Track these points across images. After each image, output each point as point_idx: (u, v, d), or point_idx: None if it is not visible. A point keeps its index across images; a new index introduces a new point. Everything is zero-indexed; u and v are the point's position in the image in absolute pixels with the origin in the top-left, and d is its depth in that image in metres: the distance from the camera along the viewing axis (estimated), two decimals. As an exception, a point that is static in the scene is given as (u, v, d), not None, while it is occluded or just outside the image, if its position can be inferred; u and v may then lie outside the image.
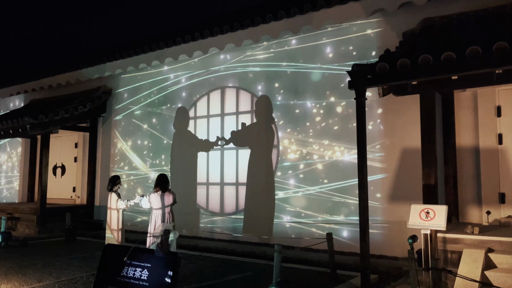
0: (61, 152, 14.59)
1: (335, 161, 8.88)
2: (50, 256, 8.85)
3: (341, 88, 8.85)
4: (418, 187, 6.84)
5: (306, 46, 9.47)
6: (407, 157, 7.97)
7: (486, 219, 7.24)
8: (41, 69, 14.97)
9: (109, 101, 13.20)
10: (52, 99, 14.32)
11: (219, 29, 9.82)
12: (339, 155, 8.84)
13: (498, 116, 7.42)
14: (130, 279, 4.37)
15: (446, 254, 6.28)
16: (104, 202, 12.32)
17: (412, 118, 7.61)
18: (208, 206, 10.76)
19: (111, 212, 7.86)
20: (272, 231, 9.53)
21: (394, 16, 8.17)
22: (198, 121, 11.20)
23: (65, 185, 14.32)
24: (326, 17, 8.57)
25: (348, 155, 8.72)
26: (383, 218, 8.16)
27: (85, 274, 7.20)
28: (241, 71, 10.46)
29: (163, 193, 7.22)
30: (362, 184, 6.21)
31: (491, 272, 5.76)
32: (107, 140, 13.14)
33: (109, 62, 12.22)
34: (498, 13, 6.92)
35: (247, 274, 7.28)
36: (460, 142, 7.66)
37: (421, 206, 6.01)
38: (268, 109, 9.90)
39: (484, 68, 5.50)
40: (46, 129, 12.00)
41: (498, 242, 6.05)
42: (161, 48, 10.95)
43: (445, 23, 7.44)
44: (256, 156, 10.03)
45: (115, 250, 4.77)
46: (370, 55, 8.49)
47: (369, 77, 6.17)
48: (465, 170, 7.59)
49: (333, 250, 7.02)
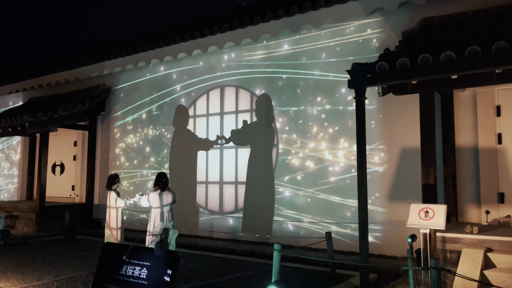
0: (60, 151, 14.58)
1: (335, 161, 8.87)
2: (49, 254, 8.84)
3: (341, 87, 8.86)
4: (417, 186, 6.85)
5: (305, 45, 9.46)
6: (406, 156, 7.97)
7: (485, 219, 7.25)
8: (40, 67, 14.94)
9: (108, 99, 13.19)
10: (51, 97, 14.30)
11: (219, 28, 9.82)
12: (339, 154, 8.83)
13: (497, 115, 7.42)
14: (129, 277, 4.36)
15: (445, 254, 6.29)
16: (103, 201, 12.33)
17: (412, 118, 7.62)
18: (207, 205, 10.76)
19: (110, 210, 7.85)
20: (272, 230, 9.53)
21: (394, 15, 8.17)
22: (198, 120, 11.20)
23: (64, 183, 14.31)
24: (325, 16, 8.57)
25: (348, 154, 8.71)
26: (382, 217, 8.16)
27: (84, 273, 7.20)
28: (241, 70, 10.45)
29: (162, 192, 7.21)
30: (362, 183, 6.21)
31: (490, 272, 5.77)
32: (106, 138, 13.13)
33: (108, 60, 12.21)
34: (498, 13, 6.92)
35: (246, 273, 7.29)
36: (460, 141, 7.66)
37: (421, 206, 6.01)
38: (268, 108, 9.89)
39: (483, 67, 5.50)
40: (45, 127, 11.98)
41: (497, 242, 6.06)
42: (160, 46, 10.95)
43: (445, 23, 7.44)
44: (256, 155, 10.03)
45: (114, 249, 4.76)
46: (369, 54, 8.47)
47: (369, 76, 6.17)
48: (464, 169, 7.60)
49: (333, 249, 7.03)
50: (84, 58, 12.98)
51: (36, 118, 11.53)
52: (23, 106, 14.89)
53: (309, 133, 9.25)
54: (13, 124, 12.04)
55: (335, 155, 8.88)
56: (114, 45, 13.39)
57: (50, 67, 14.05)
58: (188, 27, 11.41)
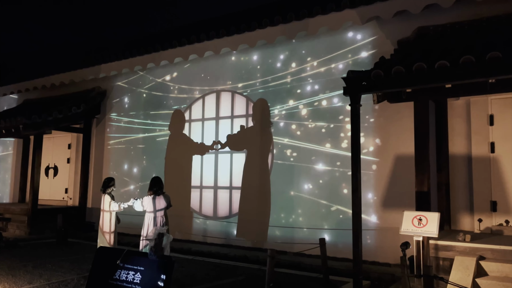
0: (54, 153, 14.50)
1: (330, 166, 8.90)
2: (41, 257, 8.77)
3: (336, 94, 8.90)
4: (411, 194, 6.89)
5: (301, 52, 9.51)
6: (400, 164, 8.02)
7: (478, 227, 7.30)
8: (35, 69, 14.88)
9: (103, 103, 13.16)
10: (46, 99, 14.24)
11: (216, 33, 9.85)
12: (334, 160, 8.86)
13: (490, 124, 7.49)
14: (123, 282, 4.34)
15: (438, 261, 6.32)
16: (96, 204, 12.26)
17: (406, 125, 7.67)
18: (201, 209, 10.74)
19: (103, 214, 7.82)
20: (267, 236, 9.53)
21: (389, 24, 8.24)
22: (193, 124, 11.20)
23: (57, 186, 14.22)
24: (321, 23, 8.63)
25: (343, 160, 8.74)
26: (376, 224, 8.19)
27: (76, 276, 7.15)
28: (237, 75, 10.48)
29: (156, 196, 7.19)
30: (356, 189, 6.23)
31: (482, 280, 5.80)
32: (101, 141, 13.08)
33: (104, 63, 12.20)
34: (492, 23, 7.01)
35: (239, 278, 7.27)
36: (453, 150, 7.72)
37: (414, 213, 6.06)
38: (265, 113, 9.92)
39: (477, 77, 5.55)
40: (39, 130, 11.92)
41: (490, 250, 6.10)
42: (157, 50, 10.97)
43: (440, 32, 7.52)
44: (252, 160, 10.03)
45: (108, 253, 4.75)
46: (365, 62, 8.54)
47: (364, 84, 6.20)
48: (457, 177, 7.65)
49: (326, 255, 7.04)
50: (80, 61, 12.96)
51: (30, 120, 11.47)
52: (17, 108, 14.82)
53: (305, 139, 9.27)
54: (7, 126, 11.96)
55: (330, 160, 8.90)
56: (110, 48, 13.38)
57: (45, 70, 14.01)
58: (185, 31, 11.45)
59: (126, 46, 12.73)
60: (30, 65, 16.31)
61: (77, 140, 13.79)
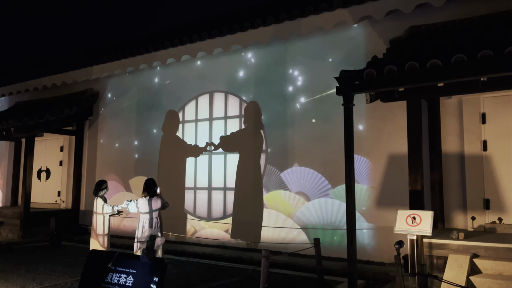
0: (46, 156, 14.38)
1: (324, 166, 8.89)
2: (33, 261, 8.69)
3: (329, 94, 8.90)
4: (404, 192, 6.90)
5: (294, 52, 9.50)
6: (393, 163, 8.03)
7: (471, 225, 7.33)
8: (26, 71, 14.76)
9: (96, 104, 13.08)
10: (37, 101, 14.12)
11: (208, 33, 9.82)
12: (328, 160, 8.86)
13: (482, 123, 7.52)
14: (115, 285, 4.30)
15: (432, 260, 6.33)
16: (89, 207, 12.17)
17: (399, 124, 7.69)
18: (195, 211, 10.70)
19: (96, 216, 7.77)
20: (260, 236, 9.50)
21: (382, 23, 8.26)
22: (186, 126, 11.15)
23: (50, 189, 14.11)
24: (314, 23, 8.62)
25: (337, 160, 8.74)
26: (370, 223, 8.19)
27: (69, 280, 7.09)
28: (230, 76, 10.45)
29: (151, 198, 7.16)
30: (350, 189, 6.23)
31: (476, 278, 5.82)
32: (94, 143, 13.00)
33: (96, 65, 12.12)
34: (483, 22, 7.04)
35: (234, 279, 7.25)
36: (446, 148, 7.75)
37: (408, 212, 6.06)
38: (257, 115, 9.90)
39: (469, 75, 5.57)
40: (31, 132, 11.82)
41: (483, 248, 6.12)
42: (149, 51, 10.91)
43: (432, 31, 7.54)
44: (245, 162, 10.01)
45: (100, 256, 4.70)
46: (357, 61, 8.53)
47: (357, 83, 6.21)
48: (450, 176, 7.68)
49: (321, 255, 7.03)
50: (72, 63, 12.86)
51: (22, 123, 11.36)
52: (9, 110, 14.68)
53: (298, 139, 9.27)
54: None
55: (323, 160, 8.90)
56: (102, 50, 13.30)
57: (37, 72, 13.89)
58: (177, 32, 11.40)
59: (118, 47, 12.66)
60: (21, 67, 16.17)
61: (69, 142, 13.69)
